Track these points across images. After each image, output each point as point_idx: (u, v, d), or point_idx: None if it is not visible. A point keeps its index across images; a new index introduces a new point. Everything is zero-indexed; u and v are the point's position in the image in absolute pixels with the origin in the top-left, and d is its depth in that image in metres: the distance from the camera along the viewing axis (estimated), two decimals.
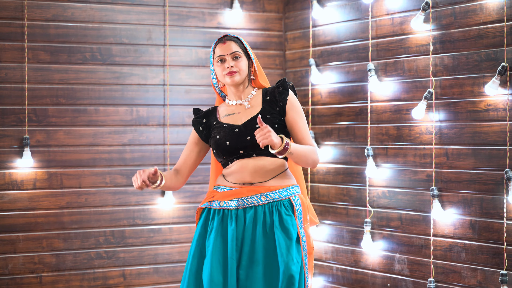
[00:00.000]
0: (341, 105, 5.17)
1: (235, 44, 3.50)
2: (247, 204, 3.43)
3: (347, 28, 5.13)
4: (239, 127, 3.45)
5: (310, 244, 3.50)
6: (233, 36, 3.52)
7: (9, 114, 4.87)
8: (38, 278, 4.94)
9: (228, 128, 3.47)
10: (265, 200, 3.43)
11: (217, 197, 3.48)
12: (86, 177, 5.06)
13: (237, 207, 3.43)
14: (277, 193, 3.44)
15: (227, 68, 3.45)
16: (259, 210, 3.43)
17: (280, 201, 3.44)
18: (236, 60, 3.47)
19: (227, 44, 3.48)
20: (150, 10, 5.24)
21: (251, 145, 3.43)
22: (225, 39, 3.50)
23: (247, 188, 3.44)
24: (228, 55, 3.47)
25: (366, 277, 5.00)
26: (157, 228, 5.23)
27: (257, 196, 3.43)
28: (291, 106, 3.47)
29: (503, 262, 4.20)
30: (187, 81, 5.33)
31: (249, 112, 3.49)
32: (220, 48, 3.49)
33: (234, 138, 3.44)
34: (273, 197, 3.43)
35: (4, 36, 4.86)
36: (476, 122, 4.34)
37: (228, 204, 3.45)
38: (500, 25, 4.20)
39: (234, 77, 3.46)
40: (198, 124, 3.58)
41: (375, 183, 4.94)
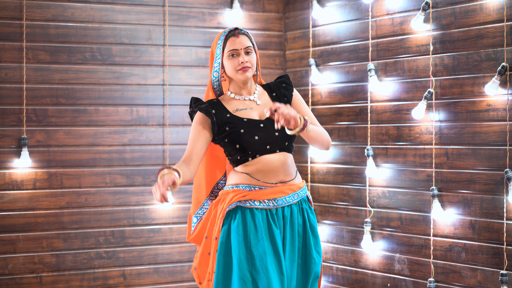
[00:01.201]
0: (341, 105, 5.17)
1: (247, 38, 3.44)
2: (285, 203, 3.41)
3: (347, 28, 5.13)
4: (264, 122, 3.41)
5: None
6: (244, 30, 3.47)
7: (9, 114, 4.87)
8: (38, 278, 4.94)
9: (251, 123, 3.40)
10: (297, 198, 3.44)
11: (252, 196, 3.38)
12: (86, 177, 5.06)
13: (276, 207, 3.40)
14: (303, 190, 3.48)
15: (241, 63, 3.39)
16: (294, 208, 3.43)
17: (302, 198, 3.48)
18: (248, 55, 3.42)
19: (240, 38, 3.42)
20: (150, 10, 5.24)
21: (277, 141, 3.40)
22: (237, 32, 3.43)
23: (283, 186, 3.41)
24: (242, 50, 3.41)
25: (366, 277, 5.00)
26: (157, 228, 5.23)
27: (293, 194, 3.43)
28: (296, 99, 3.53)
29: (503, 262, 4.20)
30: (187, 81, 5.33)
31: (260, 108, 3.46)
32: (233, 41, 3.41)
33: (263, 132, 3.39)
34: (302, 195, 3.47)
35: (4, 36, 4.86)
36: (476, 122, 4.34)
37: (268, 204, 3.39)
38: (500, 25, 4.20)
39: (247, 72, 3.41)
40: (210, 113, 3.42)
41: (375, 183, 4.94)
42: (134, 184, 5.18)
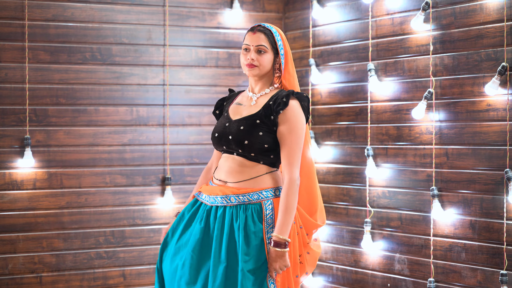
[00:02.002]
0: (341, 105, 5.17)
1: (264, 37, 3.43)
2: (217, 203, 3.41)
3: (347, 28, 5.13)
4: (230, 123, 3.44)
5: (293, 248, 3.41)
6: (265, 28, 3.45)
7: (10, 114, 4.87)
8: (38, 278, 4.94)
9: (224, 119, 3.48)
10: (234, 201, 3.39)
11: (202, 189, 3.52)
12: (86, 177, 5.06)
13: (210, 205, 3.44)
14: (247, 196, 3.38)
15: (248, 59, 3.42)
16: (227, 211, 3.40)
17: (250, 204, 3.38)
18: (259, 54, 3.42)
19: (256, 35, 3.43)
20: (150, 10, 5.24)
21: (230, 144, 3.41)
22: (256, 29, 3.44)
23: (221, 187, 3.42)
24: (253, 47, 3.42)
25: (366, 277, 5.00)
26: (157, 228, 5.23)
27: (226, 196, 3.39)
28: (284, 120, 3.37)
29: (503, 262, 4.20)
30: (187, 81, 5.33)
31: (251, 109, 3.45)
32: (248, 36, 3.45)
33: (222, 132, 3.44)
34: (242, 200, 3.38)
35: (5, 36, 4.86)
36: (476, 122, 4.34)
37: (205, 199, 3.47)
38: (500, 25, 4.20)
39: (252, 70, 3.42)
40: (217, 106, 3.62)
41: (375, 183, 4.94)
42: (134, 184, 5.18)
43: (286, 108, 3.36)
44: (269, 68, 3.45)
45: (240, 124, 3.40)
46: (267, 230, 3.36)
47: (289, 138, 3.36)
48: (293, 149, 3.35)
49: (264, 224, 3.37)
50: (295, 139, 3.36)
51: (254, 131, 3.37)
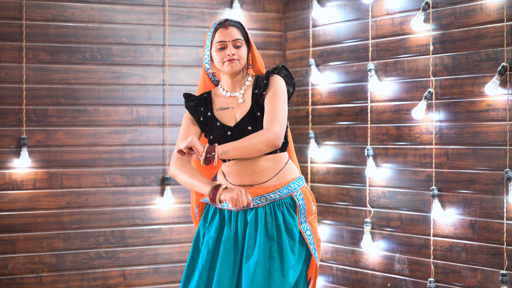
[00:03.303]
0: (341, 105, 5.17)
1: (237, 30, 3.37)
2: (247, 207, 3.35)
3: (347, 28, 5.13)
4: (232, 130, 3.36)
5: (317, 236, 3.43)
6: (234, 21, 3.39)
7: (9, 114, 4.87)
8: (38, 278, 4.94)
9: (221, 129, 3.38)
10: (265, 201, 3.36)
11: None
12: (86, 177, 5.06)
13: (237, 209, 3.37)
14: (277, 193, 3.37)
15: (228, 56, 3.33)
16: (260, 211, 3.36)
17: (281, 199, 3.37)
18: (237, 48, 3.35)
19: (229, 30, 3.35)
20: (150, 10, 5.24)
21: None
22: (227, 24, 3.37)
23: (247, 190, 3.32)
24: (230, 42, 3.35)
25: (366, 277, 5.00)
26: (157, 228, 5.23)
27: (257, 198, 3.35)
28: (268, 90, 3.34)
29: (503, 262, 4.20)
30: (187, 81, 5.33)
31: (241, 108, 3.39)
32: (221, 33, 3.35)
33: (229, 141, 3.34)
34: (273, 197, 3.37)
35: (4, 36, 4.86)
36: (476, 122, 4.34)
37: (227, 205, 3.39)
38: (500, 25, 4.20)
39: (233, 64, 3.34)
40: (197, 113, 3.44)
41: (375, 183, 4.93)
42: (134, 184, 5.18)
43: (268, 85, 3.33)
44: (246, 61, 3.40)
45: (246, 125, 3.34)
46: (301, 221, 3.38)
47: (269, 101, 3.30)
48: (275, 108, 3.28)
49: (298, 215, 3.38)
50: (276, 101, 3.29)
51: (261, 124, 3.33)
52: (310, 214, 3.43)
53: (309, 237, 3.40)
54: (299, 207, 3.39)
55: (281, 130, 3.26)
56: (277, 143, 3.25)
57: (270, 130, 3.24)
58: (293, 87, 3.42)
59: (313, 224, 3.43)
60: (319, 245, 3.45)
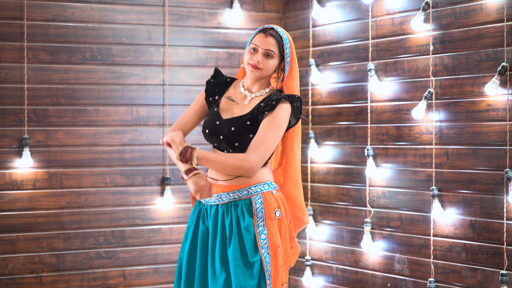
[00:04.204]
0: (341, 105, 5.17)
1: (274, 42, 3.43)
2: (210, 202, 3.48)
3: (347, 28, 5.13)
4: (221, 121, 3.44)
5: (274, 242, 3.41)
6: (277, 33, 3.45)
7: (9, 114, 4.87)
8: (38, 278, 4.94)
9: (215, 116, 3.48)
10: (226, 199, 3.45)
11: None
12: (86, 177, 5.06)
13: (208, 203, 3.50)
14: (236, 193, 3.44)
15: (254, 60, 3.41)
16: (219, 208, 3.46)
17: (240, 200, 3.43)
18: (266, 57, 3.43)
19: (267, 39, 3.43)
20: (150, 10, 5.24)
21: (221, 143, 3.44)
22: (269, 32, 3.44)
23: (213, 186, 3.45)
24: (262, 49, 3.42)
25: (366, 277, 5.00)
26: (157, 228, 5.23)
27: (218, 195, 3.46)
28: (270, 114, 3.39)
29: (503, 262, 4.20)
30: (187, 81, 5.33)
31: (243, 108, 3.47)
32: (259, 38, 3.44)
33: (212, 130, 3.46)
34: (232, 197, 3.44)
35: (4, 36, 4.86)
36: (476, 122, 4.34)
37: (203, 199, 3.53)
38: (500, 25, 4.20)
39: (255, 71, 3.43)
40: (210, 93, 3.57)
41: (375, 183, 4.94)
42: (134, 184, 5.18)
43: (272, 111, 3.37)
44: (271, 73, 3.48)
45: (231, 125, 3.41)
46: (258, 224, 3.40)
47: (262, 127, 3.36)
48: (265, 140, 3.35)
49: (254, 218, 3.41)
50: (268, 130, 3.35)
51: (244, 133, 3.40)
52: (270, 219, 3.42)
53: (263, 241, 3.41)
54: (255, 210, 3.42)
55: (259, 160, 3.32)
56: (250, 172, 3.33)
57: (247, 159, 3.32)
58: (297, 120, 3.46)
59: (272, 230, 3.42)
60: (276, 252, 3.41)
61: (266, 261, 3.39)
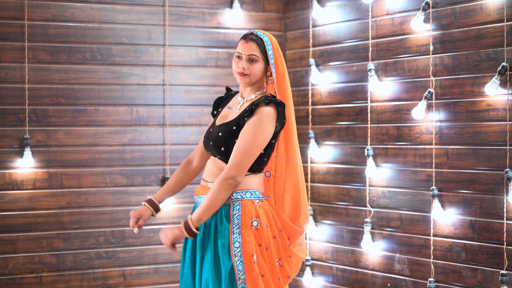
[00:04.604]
0: (341, 105, 5.17)
1: (256, 46, 3.45)
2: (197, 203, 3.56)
3: (347, 28, 5.13)
4: (213, 128, 3.53)
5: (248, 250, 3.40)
6: (258, 37, 3.46)
7: (9, 114, 4.87)
8: (38, 278, 4.94)
9: (212, 124, 3.58)
10: None
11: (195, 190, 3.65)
12: (86, 177, 5.06)
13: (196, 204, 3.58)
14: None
15: (240, 68, 3.45)
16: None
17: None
18: (250, 63, 3.45)
19: (248, 44, 3.45)
20: (150, 10, 5.24)
21: (211, 149, 3.50)
22: (248, 37, 3.46)
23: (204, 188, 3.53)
24: (245, 55, 3.45)
25: (366, 277, 5.00)
26: (157, 228, 5.23)
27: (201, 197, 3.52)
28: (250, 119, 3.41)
29: (503, 262, 4.20)
30: (187, 81, 5.33)
31: (233, 115, 3.52)
32: (241, 45, 3.48)
33: (207, 136, 3.55)
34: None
35: (4, 36, 4.86)
36: (476, 122, 4.34)
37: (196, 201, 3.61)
38: (500, 25, 4.20)
39: (243, 78, 3.47)
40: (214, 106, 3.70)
41: (375, 183, 4.94)
42: (134, 184, 5.18)
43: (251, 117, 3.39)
44: (260, 76, 3.49)
45: (220, 131, 3.47)
46: (233, 230, 3.41)
47: (241, 136, 3.38)
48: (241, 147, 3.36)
49: (230, 224, 3.42)
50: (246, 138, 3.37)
51: (230, 138, 3.43)
52: (246, 227, 3.41)
53: (236, 249, 3.40)
54: (232, 217, 3.43)
55: (238, 173, 3.36)
56: (236, 184, 3.39)
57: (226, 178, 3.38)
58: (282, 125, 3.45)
59: (246, 238, 3.41)
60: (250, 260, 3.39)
61: (239, 270, 3.38)
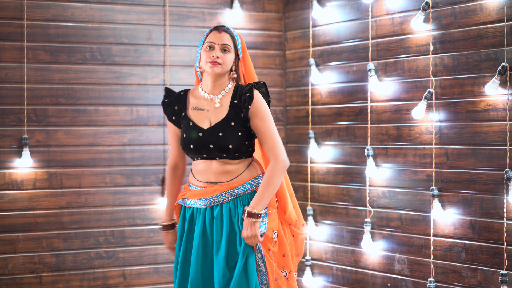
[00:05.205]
0: (341, 105, 5.17)
1: (228, 36, 3.52)
2: (213, 203, 3.52)
3: (347, 28, 5.13)
4: (204, 132, 3.49)
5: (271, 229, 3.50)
6: (229, 29, 3.55)
7: (9, 114, 4.87)
8: (38, 278, 4.94)
9: (193, 129, 3.51)
10: (230, 197, 3.51)
11: (188, 195, 3.58)
12: (86, 177, 5.06)
13: (205, 206, 3.53)
14: (241, 188, 3.51)
15: (212, 57, 3.47)
16: (225, 206, 3.51)
17: (245, 194, 3.51)
18: (223, 52, 3.50)
19: (221, 34, 3.50)
20: (150, 10, 5.24)
21: (212, 152, 3.50)
22: (221, 29, 3.53)
23: (212, 187, 3.51)
24: (218, 45, 3.49)
25: (366, 277, 5.00)
26: (157, 228, 5.23)
27: (222, 194, 3.51)
28: (254, 112, 3.49)
29: (503, 262, 4.20)
30: (187, 81, 5.33)
31: (217, 112, 3.51)
32: (213, 35, 3.51)
33: (199, 142, 3.50)
34: (238, 193, 3.51)
35: (4, 36, 4.86)
36: (476, 122, 4.34)
37: (197, 203, 3.55)
38: (500, 25, 4.20)
39: (215, 67, 3.48)
40: (171, 113, 3.61)
41: (375, 183, 4.94)
42: (134, 184, 5.18)
43: (252, 102, 3.47)
44: (230, 67, 3.53)
45: (218, 131, 3.47)
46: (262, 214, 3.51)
47: (263, 126, 3.49)
48: (271, 133, 3.49)
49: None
50: (269, 125, 3.49)
51: (233, 133, 3.47)
52: (273, 207, 3.54)
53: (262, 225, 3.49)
54: None
55: (284, 152, 3.50)
56: (288, 165, 3.50)
57: (279, 161, 3.47)
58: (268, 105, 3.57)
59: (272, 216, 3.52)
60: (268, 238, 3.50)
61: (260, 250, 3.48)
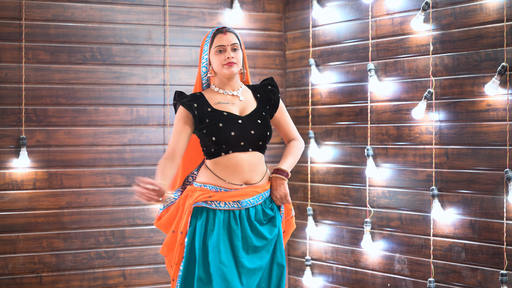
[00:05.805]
0: (341, 105, 5.17)
1: (234, 36, 3.56)
2: (249, 205, 3.49)
3: (347, 28, 5.13)
4: (242, 119, 3.51)
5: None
6: (231, 29, 3.60)
7: (9, 114, 4.87)
8: (38, 278, 4.94)
9: (230, 118, 3.50)
10: (262, 199, 3.53)
11: (218, 198, 3.46)
12: (86, 177, 5.06)
13: (240, 208, 3.48)
14: (268, 192, 3.57)
15: (227, 58, 3.50)
16: (258, 208, 3.52)
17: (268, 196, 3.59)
18: (234, 51, 3.53)
19: (228, 35, 3.54)
20: (150, 10, 5.24)
21: (252, 139, 3.49)
22: (225, 30, 3.55)
23: (248, 188, 3.48)
24: (228, 46, 3.52)
25: (366, 277, 5.00)
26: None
27: (257, 197, 3.51)
28: (280, 106, 3.67)
29: (503, 262, 4.20)
30: (187, 81, 5.33)
31: (245, 105, 3.56)
32: (220, 38, 3.54)
33: (239, 129, 3.47)
34: (266, 196, 3.56)
35: (4, 36, 4.86)
36: (476, 122, 4.34)
37: (232, 205, 3.48)
38: (500, 25, 4.20)
39: (232, 67, 3.51)
40: (191, 107, 3.52)
41: (375, 183, 4.94)
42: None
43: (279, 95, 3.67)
44: (242, 64, 3.59)
45: (256, 119, 3.53)
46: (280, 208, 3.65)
47: (286, 117, 3.72)
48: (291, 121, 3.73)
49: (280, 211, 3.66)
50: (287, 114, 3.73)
51: (267, 122, 3.57)
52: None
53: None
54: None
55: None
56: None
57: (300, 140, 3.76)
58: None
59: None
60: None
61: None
